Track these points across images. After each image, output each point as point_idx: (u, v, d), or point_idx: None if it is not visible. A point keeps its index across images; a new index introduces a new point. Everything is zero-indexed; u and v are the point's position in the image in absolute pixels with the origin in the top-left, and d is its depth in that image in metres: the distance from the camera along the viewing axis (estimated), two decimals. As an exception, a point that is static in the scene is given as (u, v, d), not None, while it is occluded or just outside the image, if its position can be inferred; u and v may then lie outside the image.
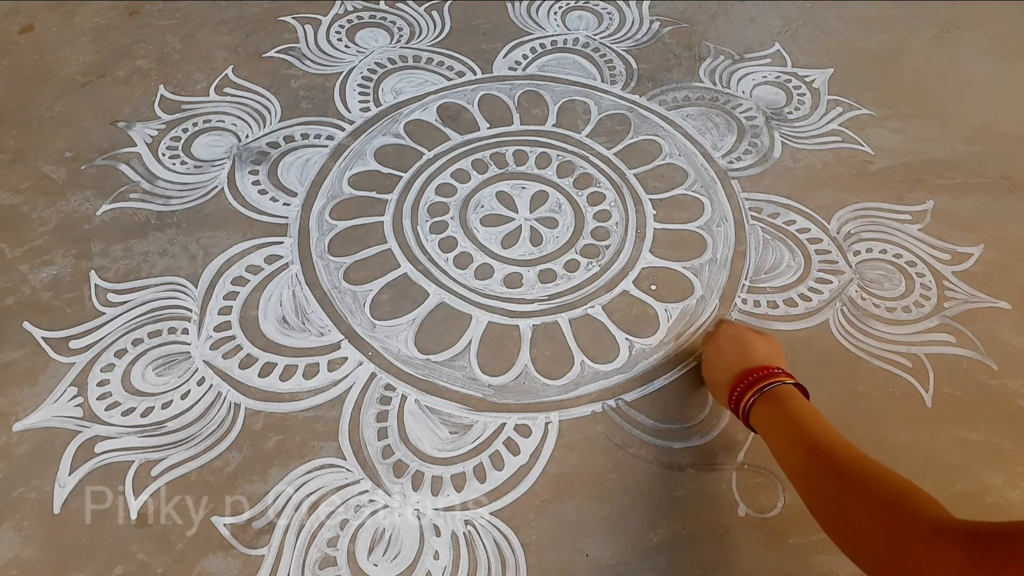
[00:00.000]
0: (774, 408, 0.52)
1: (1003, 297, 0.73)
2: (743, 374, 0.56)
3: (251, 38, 0.99)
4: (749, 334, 0.60)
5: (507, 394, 0.65)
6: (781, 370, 0.55)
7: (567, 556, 0.55)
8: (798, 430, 0.49)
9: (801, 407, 0.51)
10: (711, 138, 0.89)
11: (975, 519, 0.38)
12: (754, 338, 0.59)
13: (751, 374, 0.55)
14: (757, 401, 0.53)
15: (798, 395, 0.53)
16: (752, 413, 0.54)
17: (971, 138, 0.90)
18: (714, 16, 1.07)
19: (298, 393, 0.64)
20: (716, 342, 0.61)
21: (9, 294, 0.70)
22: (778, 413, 0.52)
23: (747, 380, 0.55)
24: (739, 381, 0.55)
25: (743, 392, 0.55)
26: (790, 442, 0.49)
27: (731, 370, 0.57)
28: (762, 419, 0.53)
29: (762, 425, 0.53)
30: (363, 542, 0.55)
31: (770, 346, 0.59)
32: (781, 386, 0.53)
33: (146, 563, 0.54)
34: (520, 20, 1.05)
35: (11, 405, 0.62)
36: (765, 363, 0.56)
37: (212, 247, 0.74)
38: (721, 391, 0.58)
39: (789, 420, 0.50)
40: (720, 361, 0.59)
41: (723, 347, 0.60)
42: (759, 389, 0.53)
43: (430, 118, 0.89)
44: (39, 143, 0.84)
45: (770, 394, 0.53)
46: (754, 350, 0.58)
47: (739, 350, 0.58)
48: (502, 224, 0.78)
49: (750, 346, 0.58)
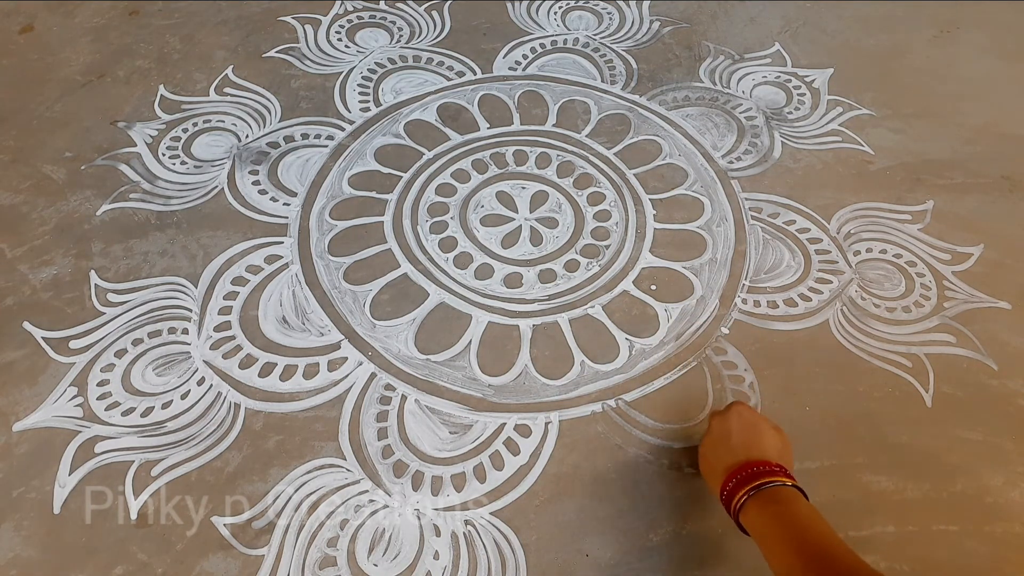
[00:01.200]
0: (773, 508, 0.47)
1: (1003, 297, 0.73)
2: (743, 465, 0.50)
3: (251, 38, 1.00)
4: (764, 424, 0.54)
5: (507, 394, 0.65)
6: (784, 470, 0.50)
7: (567, 556, 0.55)
8: (798, 537, 0.44)
9: (806, 512, 0.47)
10: (711, 138, 0.89)
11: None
12: (768, 430, 0.54)
13: (751, 466, 0.50)
14: (753, 498, 0.48)
15: (801, 499, 0.48)
16: (745, 511, 0.48)
17: (971, 138, 0.90)
18: (714, 16, 1.07)
19: (298, 393, 0.64)
20: (726, 422, 0.55)
21: (9, 294, 0.70)
22: (777, 515, 0.47)
23: (745, 472, 0.49)
24: (738, 471, 0.50)
25: (739, 485, 0.49)
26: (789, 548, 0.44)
27: (734, 456, 0.51)
28: (757, 520, 0.47)
29: (756, 526, 0.47)
30: (363, 542, 0.55)
31: (782, 443, 0.53)
32: (782, 487, 0.48)
33: (146, 563, 0.54)
34: (520, 20, 1.05)
35: (11, 405, 0.62)
36: (771, 459, 0.51)
37: (212, 247, 0.74)
38: (716, 476, 0.52)
39: (791, 524, 0.46)
40: (724, 443, 0.53)
41: (732, 429, 0.53)
42: (757, 485, 0.48)
43: (430, 118, 0.89)
44: (39, 143, 0.84)
45: (769, 493, 0.48)
46: (765, 443, 0.52)
47: (749, 438, 0.52)
48: (502, 224, 0.78)
49: (762, 437, 0.53)
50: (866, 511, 0.58)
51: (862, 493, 0.59)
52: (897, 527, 0.57)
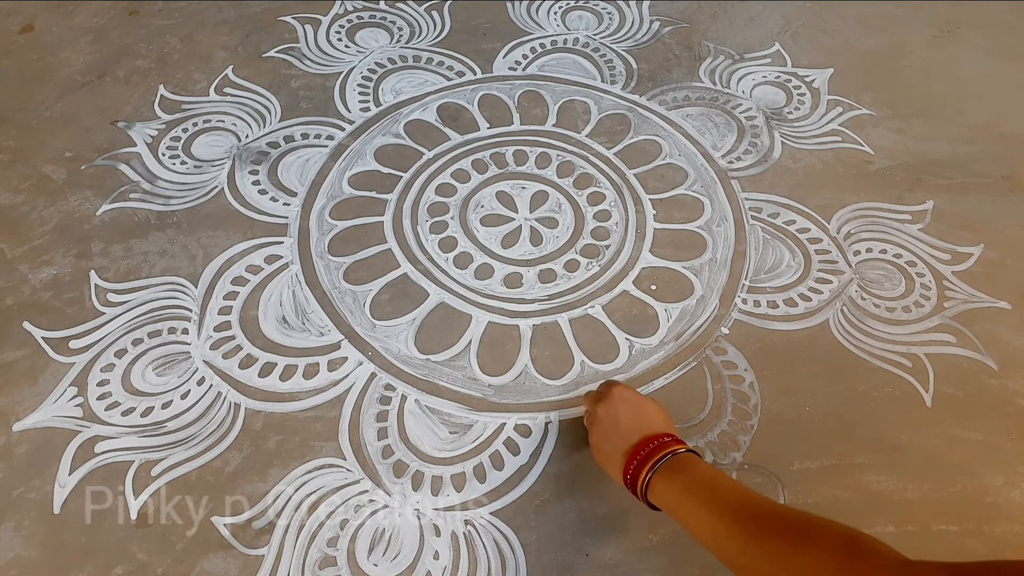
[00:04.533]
0: (680, 477, 0.47)
1: (1003, 297, 0.73)
2: (638, 445, 0.50)
3: (251, 38, 1.00)
4: (643, 400, 0.55)
5: (507, 394, 0.65)
6: (673, 438, 0.51)
7: (567, 556, 0.55)
8: (714, 495, 0.45)
9: (710, 472, 0.47)
10: (711, 138, 0.89)
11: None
12: (647, 403, 0.54)
13: (646, 444, 0.50)
14: (657, 473, 0.48)
15: (700, 461, 0.49)
16: (652, 488, 0.48)
17: (971, 138, 0.90)
18: (714, 16, 1.07)
19: (298, 393, 0.64)
20: (612, 409, 0.54)
21: (9, 294, 0.70)
22: (687, 482, 0.47)
23: (643, 452, 0.49)
24: (635, 452, 0.50)
25: (640, 465, 0.49)
26: (708, 510, 0.44)
27: (627, 441, 0.51)
28: (667, 493, 0.47)
29: (667, 500, 0.47)
30: (363, 542, 0.55)
31: (662, 412, 0.54)
32: (682, 454, 0.49)
33: (146, 563, 0.54)
34: (520, 20, 1.05)
35: (11, 405, 0.62)
36: (661, 431, 0.51)
37: (212, 247, 0.74)
38: (615, 464, 0.52)
39: (700, 487, 0.46)
40: (615, 430, 0.53)
41: (620, 415, 0.53)
42: (658, 459, 0.48)
43: (430, 118, 0.89)
44: (39, 143, 0.84)
45: (670, 464, 0.48)
46: (651, 417, 0.53)
47: (637, 418, 0.52)
48: (502, 224, 0.78)
49: (647, 413, 0.53)
50: (866, 511, 0.58)
51: (862, 493, 0.59)
52: (897, 527, 0.57)
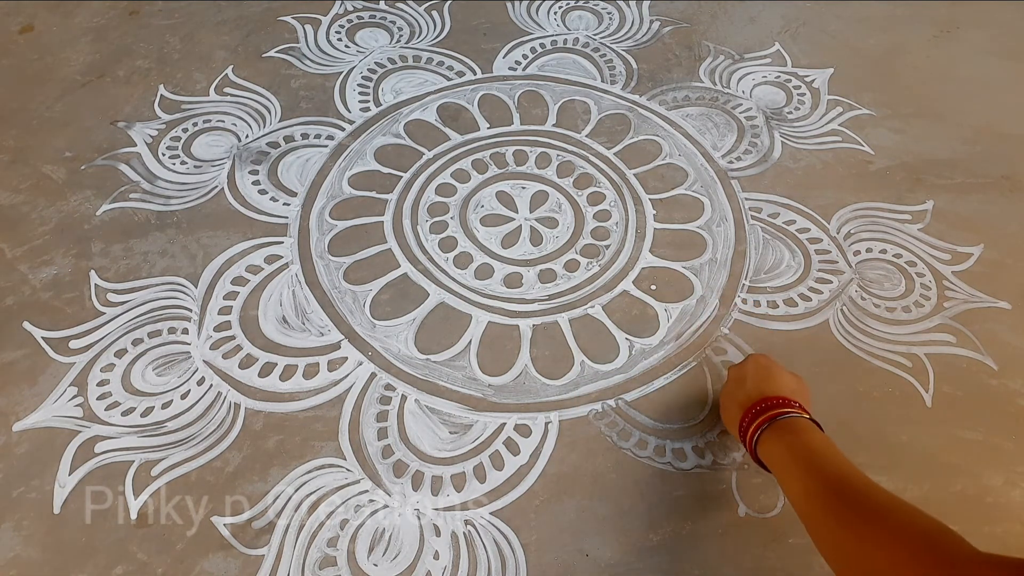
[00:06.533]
0: (789, 438, 0.48)
1: (1003, 297, 0.73)
2: (757, 401, 0.52)
3: (251, 38, 0.99)
4: (778, 367, 0.56)
5: (507, 394, 0.65)
6: (799, 405, 0.52)
7: (567, 556, 0.55)
8: (815, 463, 0.45)
9: (820, 440, 0.47)
10: (711, 138, 0.89)
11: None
12: (782, 371, 0.56)
13: (765, 401, 0.52)
14: (768, 430, 0.50)
15: (816, 429, 0.49)
16: (761, 442, 0.50)
17: (971, 138, 0.90)
18: (714, 16, 1.07)
19: (298, 393, 0.64)
20: (742, 369, 0.57)
21: (9, 294, 0.70)
22: (793, 444, 0.48)
23: (759, 407, 0.51)
24: (752, 407, 0.52)
25: (753, 418, 0.51)
26: (805, 475, 0.45)
27: (748, 396, 0.54)
28: (773, 450, 0.49)
29: (773, 457, 0.49)
30: (363, 542, 0.55)
31: (798, 384, 0.56)
32: (797, 418, 0.50)
33: (146, 563, 0.54)
34: (520, 20, 1.05)
35: (11, 405, 0.62)
36: (786, 395, 0.52)
37: (212, 247, 0.74)
38: (733, 418, 0.55)
39: (805, 452, 0.46)
40: (739, 386, 0.56)
41: (747, 373, 0.56)
42: (771, 417, 0.50)
43: (430, 118, 0.89)
44: (39, 143, 0.84)
45: (784, 424, 0.49)
46: (779, 381, 0.54)
47: (763, 379, 0.55)
48: (502, 224, 0.78)
49: (776, 377, 0.55)
50: None
51: (862, 493, 0.59)
52: (897, 527, 0.57)
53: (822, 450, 0.46)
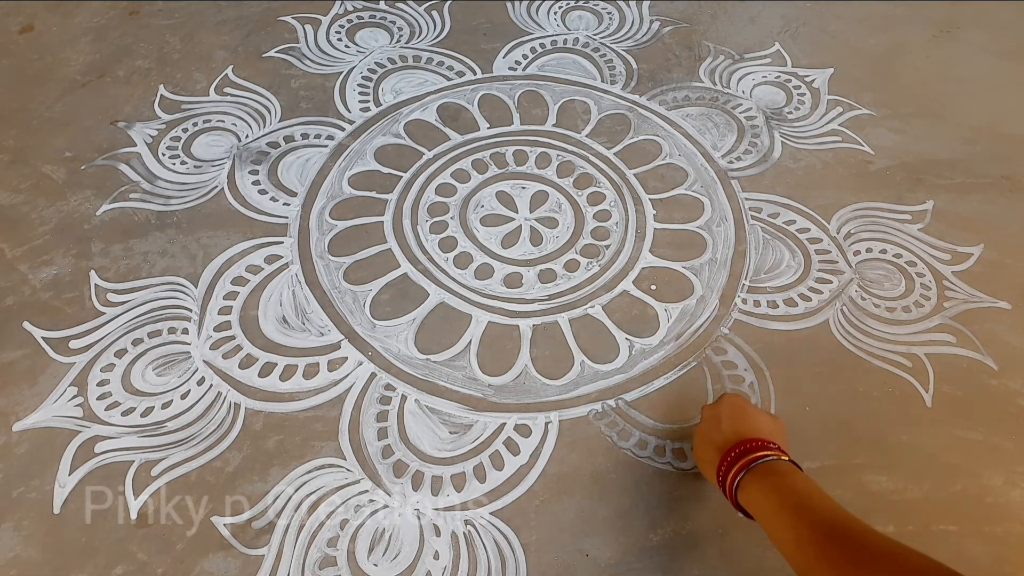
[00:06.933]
0: (772, 482, 0.46)
1: (1003, 297, 0.73)
2: (735, 444, 0.50)
3: (251, 38, 0.99)
4: (753, 407, 0.54)
5: (507, 394, 0.65)
6: (778, 447, 0.50)
7: (567, 556, 0.55)
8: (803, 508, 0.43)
9: (805, 483, 0.46)
10: (711, 138, 0.89)
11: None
12: (758, 411, 0.54)
13: (744, 444, 0.49)
14: (749, 475, 0.47)
15: (799, 472, 0.47)
16: (743, 488, 0.47)
17: (971, 138, 0.90)
18: (714, 16, 1.07)
19: (298, 393, 0.64)
20: (716, 407, 0.55)
21: (9, 294, 0.70)
22: (778, 488, 0.45)
23: (738, 450, 0.49)
24: (730, 451, 0.49)
25: (733, 463, 0.49)
26: (795, 521, 0.43)
27: (725, 439, 0.51)
28: (757, 497, 0.46)
29: (757, 503, 0.46)
30: (363, 542, 0.55)
31: (774, 424, 0.53)
32: (777, 461, 0.47)
33: (146, 563, 0.54)
34: (520, 20, 1.05)
35: (11, 405, 0.62)
36: (763, 436, 0.50)
37: (212, 247, 0.74)
38: (710, 463, 0.51)
39: (792, 496, 0.44)
40: (714, 427, 0.53)
41: (722, 414, 0.53)
42: (752, 459, 0.47)
43: (430, 118, 0.89)
44: (39, 143, 0.84)
45: (765, 468, 0.47)
46: (755, 422, 0.52)
47: (739, 420, 0.52)
48: (502, 224, 0.78)
49: (751, 417, 0.52)
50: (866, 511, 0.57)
51: (862, 493, 0.59)
52: (897, 527, 0.57)
53: (809, 493, 0.45)
